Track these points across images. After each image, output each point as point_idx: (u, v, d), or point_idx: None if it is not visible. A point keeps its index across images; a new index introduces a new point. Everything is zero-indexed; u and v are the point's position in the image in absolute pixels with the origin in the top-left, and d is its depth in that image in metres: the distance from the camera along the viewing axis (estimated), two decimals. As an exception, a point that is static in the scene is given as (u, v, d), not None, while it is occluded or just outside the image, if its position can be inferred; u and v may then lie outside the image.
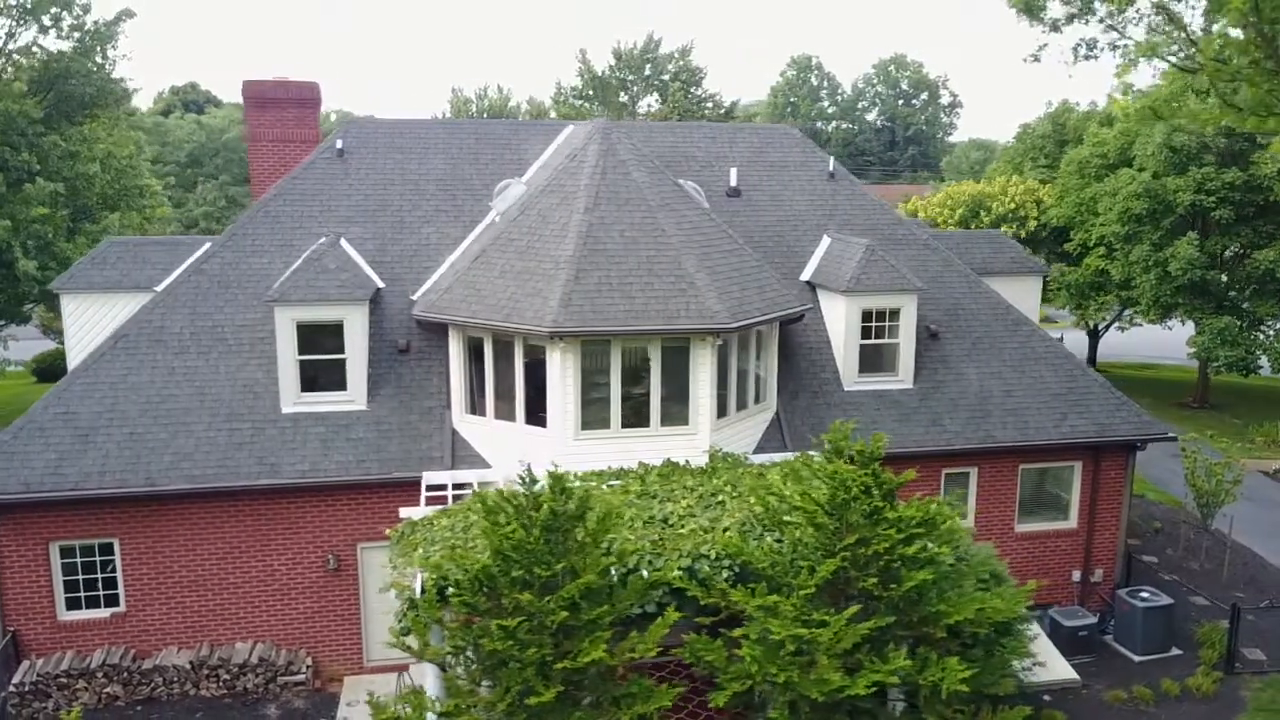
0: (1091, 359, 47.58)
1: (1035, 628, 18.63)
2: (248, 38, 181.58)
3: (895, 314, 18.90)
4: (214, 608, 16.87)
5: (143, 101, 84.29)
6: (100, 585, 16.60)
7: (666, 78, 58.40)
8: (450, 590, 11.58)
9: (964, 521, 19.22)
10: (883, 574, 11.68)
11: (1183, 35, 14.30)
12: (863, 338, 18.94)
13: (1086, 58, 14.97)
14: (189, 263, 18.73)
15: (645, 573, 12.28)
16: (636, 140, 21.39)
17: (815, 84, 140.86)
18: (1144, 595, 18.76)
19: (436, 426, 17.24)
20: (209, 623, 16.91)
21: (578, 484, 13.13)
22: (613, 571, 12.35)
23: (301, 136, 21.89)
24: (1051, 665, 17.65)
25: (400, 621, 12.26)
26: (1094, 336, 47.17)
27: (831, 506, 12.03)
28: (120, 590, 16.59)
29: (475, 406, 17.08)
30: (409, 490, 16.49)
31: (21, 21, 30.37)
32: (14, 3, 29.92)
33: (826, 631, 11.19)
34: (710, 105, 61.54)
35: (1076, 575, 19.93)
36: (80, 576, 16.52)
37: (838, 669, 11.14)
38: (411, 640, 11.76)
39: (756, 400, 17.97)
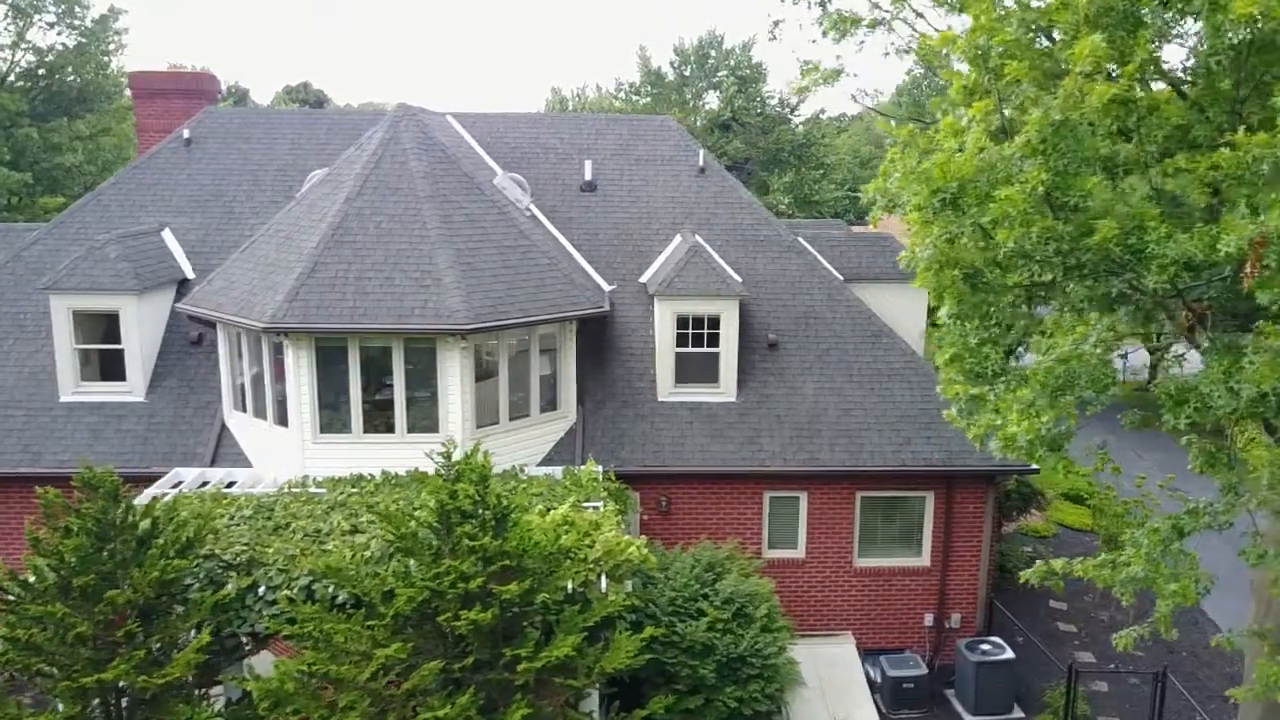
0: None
1: (857, 674, 16.80)
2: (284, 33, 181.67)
3: (716, 321, 17.25)
4: (-12, 593, 16.92)
5: (262, 99, 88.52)
6: (-117, 563, 16.93)
7: (723, 74, 56.58)
8: (16, 594, 11.02)
9: (793, 550, 17.45)
10: (458, 608, 10.42)
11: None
12: (681, 345, 17.37)
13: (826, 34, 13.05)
14: (14, 250, 18.91)
15: (234, 588, 11.40)
16: (482, 131, 20.52)
17: (946, 81, 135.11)
18: (984, 648, 16.50)
19: (208, 422, 16.78)
20: (-16, 607, 16.97)
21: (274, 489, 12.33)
22: (231, 586, 11.62)
23: (190, 128, 21.90)
24: (850, 717, 15.71)
25: None
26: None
27: (433, 529, 10.88)
28: (-101, 570, 16.86)
29: (239, 403, 16.53)
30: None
31: (19, 18, 31.86)
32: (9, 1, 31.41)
33: (369, 668, 10.03)
34: (775, 103, 59.23)
35: (929, 619, 17.76)
36: None
37: (374, 712, 9.98)
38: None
39: (545, 408, 16.71)
